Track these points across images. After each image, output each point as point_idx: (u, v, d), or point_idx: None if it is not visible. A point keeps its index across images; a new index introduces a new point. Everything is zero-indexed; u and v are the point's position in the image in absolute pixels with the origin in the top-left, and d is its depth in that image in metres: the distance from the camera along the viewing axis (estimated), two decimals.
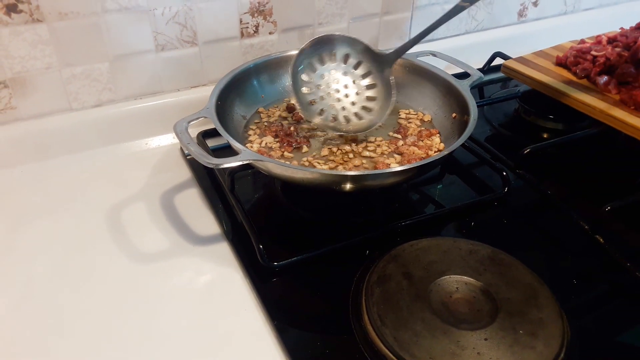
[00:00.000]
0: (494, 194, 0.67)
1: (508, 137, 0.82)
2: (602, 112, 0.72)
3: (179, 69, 0.76)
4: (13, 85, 0.67)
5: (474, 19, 0.99)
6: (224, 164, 0.53)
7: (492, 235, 0.62)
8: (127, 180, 0.70)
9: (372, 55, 0.69)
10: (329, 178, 0.55)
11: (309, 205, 0.66)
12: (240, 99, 0.70)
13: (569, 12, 1.10)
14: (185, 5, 0.72)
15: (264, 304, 0.52)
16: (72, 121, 0.72)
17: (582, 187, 0.70)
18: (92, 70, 0.71)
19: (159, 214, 0.64)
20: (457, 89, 0.68)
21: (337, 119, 0.67)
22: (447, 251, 0.56)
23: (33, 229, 0.62)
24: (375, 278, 0.52)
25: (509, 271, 0.54)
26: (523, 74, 0.82)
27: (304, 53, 0.66)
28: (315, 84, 0.67)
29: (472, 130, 0.60)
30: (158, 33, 0.72)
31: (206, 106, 0.62)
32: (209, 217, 0.64)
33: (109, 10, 0.68)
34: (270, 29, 0.79)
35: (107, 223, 0.63)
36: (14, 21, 0.64)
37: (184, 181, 0.70)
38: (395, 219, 0.62)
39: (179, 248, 0.60)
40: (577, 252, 0.60)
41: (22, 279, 0.56)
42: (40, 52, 0.67)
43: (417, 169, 0.55)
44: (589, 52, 0.81)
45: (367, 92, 0.69)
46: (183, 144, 0.55)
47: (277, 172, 0.56)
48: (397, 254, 0.55)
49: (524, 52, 1.01)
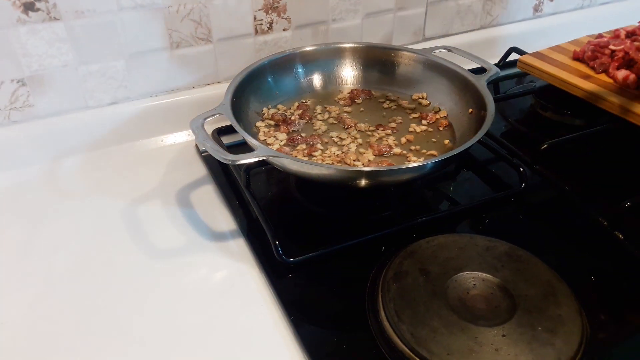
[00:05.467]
0: (510, 190, 0.66)
1: (524, 133, 0.81)
2: (621, 107, 0.71)
3: (193, 66, 0.77)
4: (31, 84, 0.68)
5: (489, 14, 0.98)
6: (241, 160, 0.53)
7: (509, 231, 0.62)
8: (143, 178, 0.70)
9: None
10: (345, 174, 0.55)
11: (324, 201, 0.65)
12: (255, 95, 0.70)
13: (585, 6, 1.08)
14: (200, 3, 0.72)
15: (280, 300, 0.52)
16: (89, 119, 0.73)
17: (601, 183, 0.69)
18: (108, 68, 0.71)
19: (175, 211, 0.65)
20: (474, 84, 0.67)
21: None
22: (463, 248, 0.56)
23: (51, 227, 0.63)
24: (392, 274, 0.52)
25: (527, 268, 0.54)
26: (539, 69, 0.81)
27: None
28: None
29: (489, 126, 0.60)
30: (173, 30, 0.72)
31: (221, 103, 0.62)
32: (225, 213, 0.64)
33: (124, 8, 0.68)
34: (284, 25, 0.79)
35: (124, 220, 0.63)
36: (32, 19, 0.64)
37: (199, 178, 0.70)
38: (410, 216, 0.61)
39: (195, 244, 0.60)
40: (596, 249, 0.59)
41: (41, 277, 0.56)
42: (57, 50, 0.67)
43: (432, 165, 0.55)
44: (607, 46, 0.80)
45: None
46: (199, 140, 0.55)
47: (292, 168, 0.56)
48: (413, 250, 0.55)
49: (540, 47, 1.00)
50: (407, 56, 0.75)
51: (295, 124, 0.68)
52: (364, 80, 0.77)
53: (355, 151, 0.65)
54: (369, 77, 0.77)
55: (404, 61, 0.76)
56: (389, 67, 0.76)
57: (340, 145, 0.67)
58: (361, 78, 0.77)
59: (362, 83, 0.77)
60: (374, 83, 0.77)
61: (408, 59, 0.75)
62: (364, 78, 0.77)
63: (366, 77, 0.77)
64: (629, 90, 0.74)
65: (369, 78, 0.77)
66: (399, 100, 0.75)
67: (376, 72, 0.77)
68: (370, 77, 0.77)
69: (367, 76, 0.77)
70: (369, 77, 0.77)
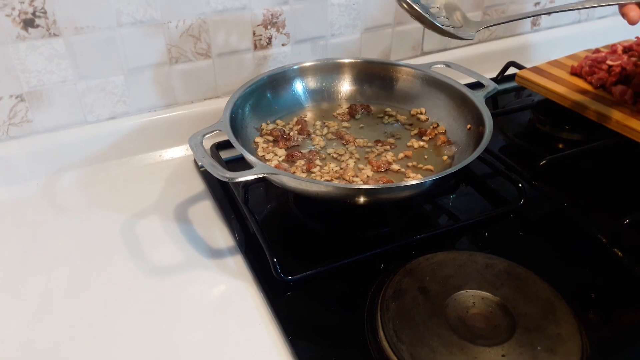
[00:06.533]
0: (509, 206, 0.66)
1: (523, 148, 0.81)
2: (618, 122, 0.71)
3: (192, 81, 0.77)
4: (29, 99, 0.68)
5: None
6: (239, 177, 0.53)
7: (508, 248, 0.62)
8: (141, 193, 0.70)
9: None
10: (343, 192, 0.55)
11: (322, 216, 0.65)
12: (254, 111, 0.70)
13: (582, 20, 1.09)
14: (199, 18, 0.72)
15: (278, 319, 0.52)
16: (87, 134, 0.73)
17: (600, 199, 0.69)
18: (107, 83, 0.71)
19: (173, 227, 0.64)
20: (472, 100, 0.68)
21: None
22: (463, 265, 0.56)
23: (48, 242, 0.62)
24: (391, 293, 0.52)
25: (526, 285, 0.53)
26: (538, 84, 0.81)
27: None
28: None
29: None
30: (172, 46, 0.73)
31: (221, 119, 0.62)
32: (223, 229, 0.64)
33: (124, 24, 0.68)
34: (284, 40, 0.80)
35: (122, 236, 0.63)
36: (31, 36, 0.64)
37: (197, 193, 0.70)
38: (409, 232, 0.61)
39: (193, 261, 0.60)
40: (595, 266, 0.59)
41: (38, 293, 0.56)
42: (57, 65, 0.67)
43: (431, 183, 0.55)
44: (604, 61, 0.80)
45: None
46: (198, 157, 0.55)
47: (291, 185, 0.56)
48: (412, 267, 0.55)
49: (538, 60, 1.00)
50: (405, 71, 0.76)
51: (294, 139, 0.68)
52: (363, 96, 0.77)
53: (354, 167, 0.65)
54: (368, 92, 0.77)
55: (403, 76, 0.76)
56: (387, 82, 0.76)
57: (339, 161, 0.67)
58: (360, 93, 0.77)
59: (361, 98, 0.77)
60: (373, 98, 0.77)
61: (407, 74, 0.76)
62: (362, 93, 0.77)
63: (365, 92, 0.77)
64: (627, 106, 0.74)
65: (367, 93, 0.77)
66: (397, 115, 0.75)
67: (375, 88, 0.77)
68: (369, 92, 0.77)
69: (366, 91, 0.77)
70: (368, 92, 0.77)
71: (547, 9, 0.61)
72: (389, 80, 0.77)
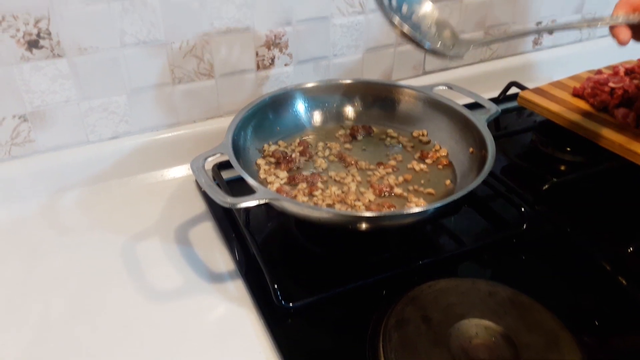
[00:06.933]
0: (512, 230, 0.65)
1: (525, 169, 0.81)
2: (621, 146, 0.71)
3: (195, 101, 0.77)
4: (32, 119, 0.68)
5: (489, 48, 0.98)
6: (241, 203, 0.52)
7: (511, 274, 0.61)
8: (142, 213, 0.70)
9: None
10: (346, 218, 0.55)
11: (324, 241, 0.65)
12: (256, 132, 0.70)
13: (584, 39, 1.09)
14: (202, 39, 0.72)
15: (278, 347, 0.51)
16: (89, 153, 0.72)
17: (604, 224, 0.68)
18: (110, 103, 0.71)
19: (173, 249, 0.64)
20: (474, 124, 0.68)
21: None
22: (466, 293, 0.55)
23: (48, 264, 0.62)
24: (394, 322, 0.51)
25: (530, 314, 0.53)
26: (540, 106, 0.81)
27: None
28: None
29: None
30: (175, 66, 0.73)
31: (223, 142, 0.62)
32: (224, 252, 0.64)
33: (127, 45, 0.69)
34: (286, 61, 0.80)
35: (122, 258, 0.63)
36: (35, 56, 0.64)
37: (198, 214, 0.70)
38: (412, 256, 0.61)
39: (193, 285, 0.59)
40: (599, 293, 0.58)
41: (37, 317, 0.56)
42: (60, 86, 0.67)
43: (434, 211, 0.55)
44: (606, 83, 0.80)
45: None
46: (200, 182, 0.55)
47: (293, 210, 0.56)
48: (415, 295, 0.55)
49: (540, 80, 1.01)
50: (407, 93, 0.76)
51: (295, 161, 0.68)
52: (365, 117, 0.77)
53: (356, 191, 0.65)
54: (370, 113, 0.77)
55: (405, 98, 0.76)
56: (389, 103, 0.76)
57: (341, 183, 0.66)
58: (362, 114, 0.77)
59: (363, 119, 0.77)
60: (375, 119, 0.77)
61: (409, 96, 0.76)
62: (364, 114, 0.77)
63: (367, 113, 0.77)
64: (630, 129, 0.74)
65: (369, 114, 0.77)
66: (399, 137, 0.75)
67: (377, 109, 0.77)
68: (371, 113, 0.77)
69: (368, 112, 0.77)
70: (370, 113, 0.77)
71: (534, 29, 0.62)
72: (390, 102, 0.77)
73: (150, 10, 0.67)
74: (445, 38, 0.63)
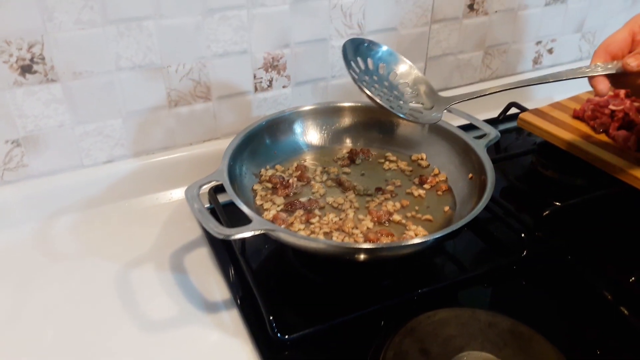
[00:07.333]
0: (512, 257, 0.64)
1: (525, 192, 0.80)
2: (622, 170, 0.70)
3: (192, 124, 0.76)
4: (25, 144, 0.67)
5: (489, 67, 0.98)
6: (235, 235, 0.52)
7: (511, 302, 0.61)
8: (137, 238, 0.69)
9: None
10: (343, 250, 0.54)
11: (321, 268, 0.64)
12: (253, 157, 0.69)
13: (584, 58, 1.09)
14: (199, 62, 0.72)
15: None
16: (83, 177, 0.72)
17: (605, 252, 0.67)
18: (105, 126, 0.71)
19: (168, 276, 0.63)
20: (473, 149, 0.67)
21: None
22: (465, 323, 0.54)
23: (40, 292, 0.61)
24: (391, 355, 0.50)
25: (530, 346, 0.52)
26: (540, 128, 0.80)
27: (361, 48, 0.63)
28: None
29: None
30: (172, 89, 0.72)
31: (218, 168, 0.61)
32: (219, 280, 0.63)
33: (122, 69, 0.68)
34: (284, 82, 0.79)
35: (116, 286, 0.62)
36: (29, 81, 0.64)
37: (194, 239, 0.69)
38: (410, 284, 0.60)
39: (187, 315, 0.58)
40: (601, 324, 0.57)
41: (29, 347, 0.54)
42: (54, 110, 0.67)
43: (434, 241, 0.54)
44: (606, 105, 0.79)
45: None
46: (194, 212, 0.54)
47: (289, 241, 0.55)
48: (413, 327, 0.53)
49: (540, 99, 1.00)
50: None
51: (292, 187, 0.67)
52: (363, 140, 0.77)
53: (354, 218, 0.64)
54: (368, 137, 0.76)
55: (403, 121, 0.75)
56: (388, 127, 0.76)
57: (338, 210, 0.65)
58: (360, 137, 0.77)
59: (361, 142, 0.77)
60: (373, 142, 0.76)
61: None
62: (363, 137, 0.77)
63: (365, 137, 0.76)
64: (630, 152, 0.73)
65: (368, 137, 0.76)
66: (398, 161, 0.74)
67: (375, 132, 0.76)
68: (370, 136, 0.76)
69: (366, 135, 0.76)
70: (368, 137, 0.76)
71: (515, 83, 0.63)
72: (389, 125, 0.76)
73: (146, 35, 0.67)
74: (424, 97, 0.63)
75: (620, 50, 0.58)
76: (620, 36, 0.58)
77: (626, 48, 0.58)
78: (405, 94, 0.62)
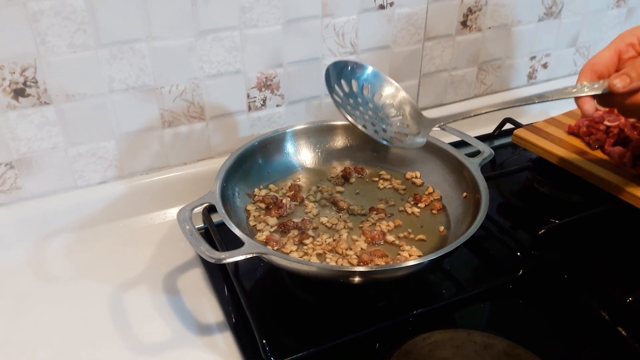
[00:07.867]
0: (508, 275, 0.64)
1: (521, 209, 0.79)
2: (618, 187, 0.70)
3: (185, 144, 0.76)
4: (19, 166, 0.67)
5: (483, 83, 0.98)
6: (227, 259, 0.51)
7: (507, 322, 0.60)
8: (130, 260, 0.68)
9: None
10: (337, 274, 0.53)
11: (315, 289, 0.63)
12: (246, 177, 0.69)
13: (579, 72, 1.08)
14: (192, 83, 0.72)
15: None
16: (77, 199, 0.71)
17: (602, 270, 0.66)
18: (98, 148, 0.71)
19: (161, 299, 0.63)
20: (468, 168, 0.67)
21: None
22: (460, 346, 0.54)
23: (33, 315, 0.61)
24: None
25: None
26: (535, 145, 0.80)
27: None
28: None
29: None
30: (165, 110, 0.72)
31: (210, 190, 0.61)
32: (212, 302, 0.62)
33: (115, 90, 0.68)
34: (278, 101, 0.79)
35: (109, 309, 0.61)
36: (22, 105, 0.64)
37: (187, 260, 0.68)
38: (405, 304, 0.59)
39: (180, 338, 0.58)
40: (598, 345, 0.57)
41: None
42: (47, 133, 0.67)
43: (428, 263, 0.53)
44: (601, 121, 0.79)
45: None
46: (186, 235, 0.54)
47: (282, 264, 0.55)
48: (408, 349, 0.53)
49: (535, 114, 1.00)
50: None
51: (286, 207, 0.67)
52: (357, 158, 0.76)
53: (347, 238, 0.63)
54: (362, 155, 0.76)
55: None
56: (381, 145, 0.74)
57: (332, 230, 0.65)
58: (354, 156, 0.76)
59: (355, 161, 0.76)
60: (367, 161, 0.76)
61: None
62: (356, 156, 0.76)
63: (359, 155, 0.76)
64: (626, 169, 0.73)
65: (361, 156, 0.76)
66: (392, 179, 0.74)
67: (369, 150, 0.76)
68: (363, 155, 0.76)
69: (360, 154, 0.76)
70: (362, 155, 0.76)
71: (500, 104, 0.64)
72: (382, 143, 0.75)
73: (139, 57, 0.67)
74: (409, 119, 0.63)
75: (607, 69, 0.58)
76: (606, 55, 0.58)
77: (612, 67, 0.58)
78: (390, 115, 0.62)
